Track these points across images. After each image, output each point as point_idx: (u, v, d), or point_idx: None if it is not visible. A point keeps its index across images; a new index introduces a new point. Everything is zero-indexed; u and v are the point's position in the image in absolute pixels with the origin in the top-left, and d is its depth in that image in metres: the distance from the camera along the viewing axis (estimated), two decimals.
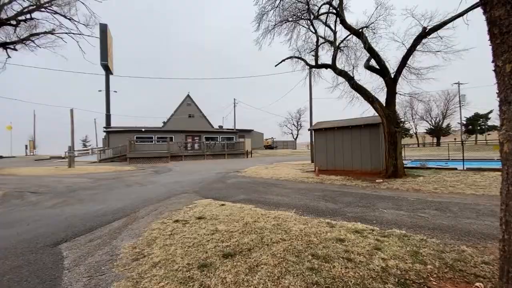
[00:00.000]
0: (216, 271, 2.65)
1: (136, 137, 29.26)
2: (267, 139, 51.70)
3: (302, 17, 11.73)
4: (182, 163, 24.52)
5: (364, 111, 11.55)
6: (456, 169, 10.78)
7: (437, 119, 46.07)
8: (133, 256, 3.15)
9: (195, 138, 32.66)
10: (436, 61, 10.50)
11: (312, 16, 11.50)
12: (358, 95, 11.00)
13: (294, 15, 11.62)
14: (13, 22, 8.61)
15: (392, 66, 10.29)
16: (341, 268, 2.62)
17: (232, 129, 38.90)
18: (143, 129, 30.91)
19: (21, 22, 8.84)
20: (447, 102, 44.40)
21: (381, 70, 10.19)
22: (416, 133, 50.57)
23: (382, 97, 10.41)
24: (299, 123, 63.53)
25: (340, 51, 11.86)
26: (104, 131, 32.44)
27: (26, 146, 47.28)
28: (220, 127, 43.63)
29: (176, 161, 26.55)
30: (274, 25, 11.82)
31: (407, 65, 10.01)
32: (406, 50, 9.62)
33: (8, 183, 11.43)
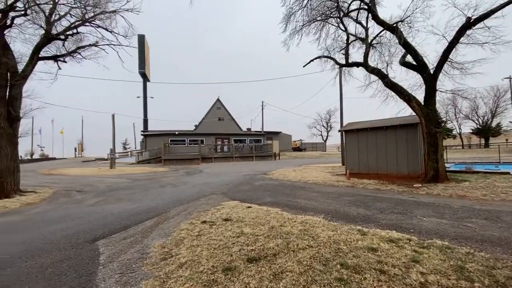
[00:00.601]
0: (240, 275, 2.62)
1: (170, 140, 30.72)
2: (295, 141, 50.96)
3: (331, 15, 11.37)
4: (212, 164, 25.19)
5: (399, 110, 10.78)
6: (509, 173, 9.55)
7: (485, 118, 41.31)
8: (161, 256, 3.25)
9: (225, 140, 33.37)
10: (483, 53, 9.47)
11: (341, 14, 11.10)
12: (393, 93, 10.33)
13: (323, 14, 11.31)
14: (62, 37, 9.60)
15: (431, 62, 9.49)
16: (373, 281, 2.43)
17: (260, 131, 39.06)
18: (176, 132, 32.38)
19: (69, 37, 9.82)
20: (496, 99, 39.60)
21: (419, 66, 9.45)
22: (460, 134, 46.02)
23: (420, 95, 9.64)
24: (329, 124, 61.80)
25: (372, 48, 11.26)
26: (142, 135, 34.66)
27: (75, 148, 52.47)
28: (249, 129, 44.06)
29: (207, 162, 27.35)
30: (302, 25, 11.62)
31: (448, 59, 9.15)
32: (447, 43, 8.80)
33: (58, 182, 12.71)
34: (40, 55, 9.47)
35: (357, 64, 11.52)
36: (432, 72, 9.22)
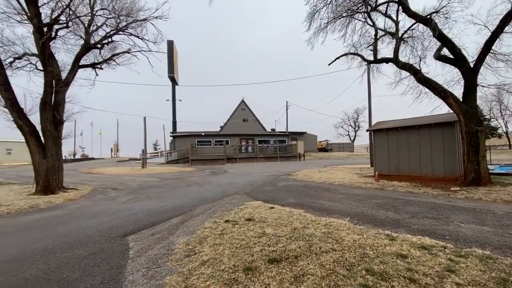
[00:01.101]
0: (260, 276, 2.62)
1: (197, 141, 31.71)
2: (321, 142, 49.77)
3: (358, 10, 10.93)
4: (236, 165, 25.54)
5: (434, 108, 9.98)
6: None
7: None
8: (185, 253, 3.36)
9: (249, 141, 33.63)
10: None
11: (369, 8, 10.62)
12: (427, 90, 9.64)
13: (349, 10, 10.91)
14: (99, 46, 10.39)
15: (470, 54, 8.70)
16: None
17: (284, 132, 38.75)
18: (203, 134, 33.34)
19: (105, 45, 10.59)
20: None
21: (456, 59, 8.72)
22: (506, 133, 41.56)
23: (458, 91, 8.88)
24: (356, 123, 59.49)
25: (403, 43, 10.63)
26: (171, 136, 36.24)
27: (111, 149, 56.40)
28: (273, 130, 43.95)
29: (231, 163, 27.79)
30: (327, 23, 11.33)
31: (491, 50, 8.33)
32: (489, 34, 8.02)
33: (96, 180, 13.73)
34: (80, 63, 10.33)
35: (386, 60, 10.95)
36: (472, 66, 8.46)
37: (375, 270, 2.63)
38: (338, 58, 12.68)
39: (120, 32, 10.55)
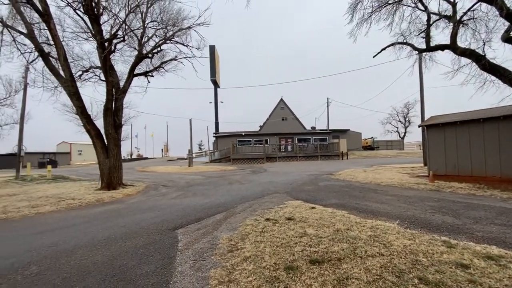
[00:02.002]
0: (301, 276, 2.60)
1: (238, 140, 32.61)
2: (366, 139, 46.79)
3: None
4: (275, 164, 25.56)
5: (502, 98, 8.62)
6: None
7: None
8: (228, 248, 3.50)
9: (288, 140, 33.35)
10: None
11: None
12: (493, 77, 8.38)
13: None
14: (150, 55, 11.40)
15: None
16: None
17: (325, 130, 37.42)
18: (243, 133, 34.17)
19: (155, 54, 11.58)
20: None
21: None
22: None
23: None
24: (407, 119, 54.48)
25: (462, 26, 9.40)
26: (214, 136, 37.98)
27: (162, 149, 61.34)
28: (313, 128, 42.83)
29: (271, 162, 27.91)
30: (371, 12, 10.63)
31: None
32: None
33: (149, 178, 15.10)
34: (134, 73, 11.49)
35: (441, 47, 9.81)
36: None
37: (429, 279, 2.41)
38: (384, 49, 11.79)
39: (168, 41, 11.43)
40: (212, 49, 37.86)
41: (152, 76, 12.52)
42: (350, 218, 4.75)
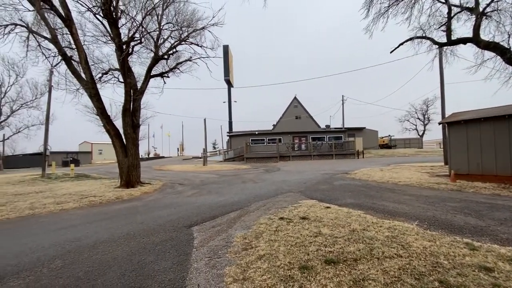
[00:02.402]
0: (316, 276, 2.58)
1: (251, 139, 32.70)
2: (382, 137, 45.45)
3: None
4: (289, 163, 25.41)
5: None
6: None
7: None
8: (243, 246, 3.53)
9: (302, 138, 33.03)
10: None
11: None
12: None
13: None
14: (165, 57, 11.66)
15: None
16: None
17: (340, 128, 36.72)
18: (256, 132, 34.22)
19: (170, 56, 11.82)
20: None
21: None
22: None
23: None
24: (426, 116, 52.43)
25: (486, 18, 8.91)
26: (227, 135, 38.28)
27: (177, 148, 62.68)
28: (327, 126, 42.13)
29: (284, 161, 27.77)
30: (388, 6, 10.31)
31: None
32: None
33: (166, 176, 15.47)
34: (151, 74, 11.79)
35: (463, 41, 9.36)
36: None
37: (451, 282, 2.31)
38: (402, 44, 11.39)
39: (183, 42, 11.64)
40: (225, 49, 38.14)
41: (168, 77, 12.80)
42: (367, 218, 4.65)
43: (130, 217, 5.75)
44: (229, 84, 40.66)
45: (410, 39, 10.91)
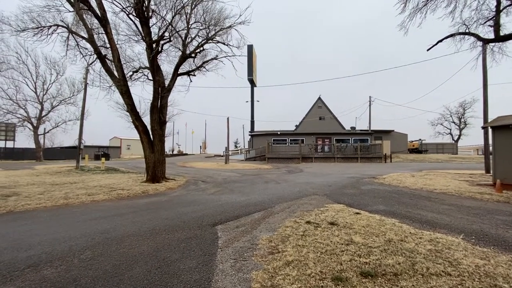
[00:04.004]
0: None
1: (273, 139, 32.43)
2: (412, 141, 42.95)
3: None
4: (312, 164, 24.81)
5: None
6: None
7: None
8: (269, 250, 3.37)
9: (325, 140, 32.13)
10: None
11: None
12: None
13: None
14: (193, 55, 11.82)
15: None
16: None
17: (367, 130, 35.22)
18: (278, 132, 33.89)
19: (197, 54, 11.96)
20: None
21: None
22: None
23: None
24: (462, 120, 48.89)
25: None
26: (249, 135, 38.40)
27: (200, 146, 64.12)
28: (353, 128, 40.66)
29: (306, 162, 27.20)
30: (427, 0, 9.61)
31: None
32: None
33: (189, 173, 15.76)
34: (178, 72, 12.02)
35: None
36: None
37: None
38: (441, 40, 10.62)
39: (210, 41, 11.74)
40: (250, 48, 38.21)
41: (194, 75, 12.99)
42: (403, 227, 4.27)
43: (156, 212, 5.83)
44: (252, 83, 40.71)
45: (452, 35, 10.10)
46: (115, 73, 10.59)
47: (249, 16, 20.08)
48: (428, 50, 11.18)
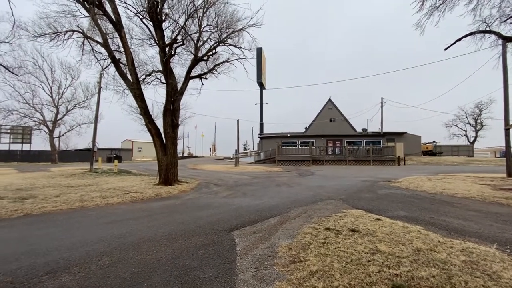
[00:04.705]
0: None
1: (283, 142, 32.24)
2: (426, 143, 41.82)
3: None
4: (323, 167, 24.45)
5: None
6: None
7: None
8: (290, 258, 3.23)
9: (336, 142, 31.67)
10: None
11: None
12: None
13: None
14: (205, 58, 11.86)
15: None
16: None
17: (379, 132, 34.55)
18: (288, 135, 33.67)
19: (209, 57, 11.98)
20: None
21: None
22: None
23: None
24: (478, 121, 47.31)
25: None
26: (259, 137, 38.32)
27: (210, 149, 64.50)
28: (364, 130, 39.96)
29: (317, 165, 26.84)
30: None
31: None
32: None
33: (200, 175, 15.77)
34: (190, 75, 12.07)
35: None
36: None
37: None
38: (459, 39, 10.28)
39: (221, 44, 11.74)
40: (259, 51, 38.28)
41: (206, 78, 13.03)
42: (429, 235, 4.04)
43: (170, 215, 5.78)
44: (261, 86, 40.72)
45: (471, 33, 9.75)
46: (129, 76, 10.72)
47: (261, 18, 20.09)
48: (445, 49, 10.80)
